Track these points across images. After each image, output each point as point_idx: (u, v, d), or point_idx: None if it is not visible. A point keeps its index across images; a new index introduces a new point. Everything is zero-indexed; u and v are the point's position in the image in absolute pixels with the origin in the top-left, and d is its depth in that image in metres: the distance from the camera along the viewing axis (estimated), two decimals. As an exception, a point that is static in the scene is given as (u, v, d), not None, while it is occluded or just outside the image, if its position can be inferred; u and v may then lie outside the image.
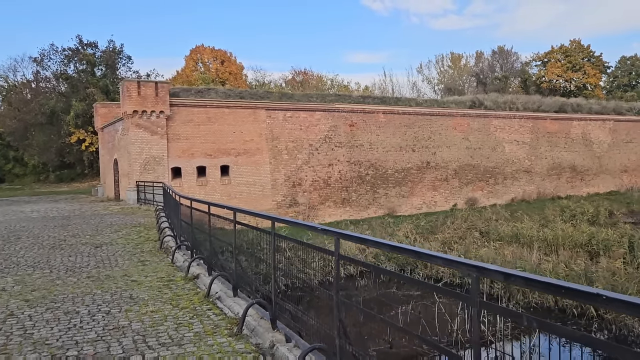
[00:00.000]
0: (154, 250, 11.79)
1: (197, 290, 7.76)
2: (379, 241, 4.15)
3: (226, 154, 29.32)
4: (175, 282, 8.45)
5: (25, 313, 6.63)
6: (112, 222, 17.62)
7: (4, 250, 12.09)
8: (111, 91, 49.92)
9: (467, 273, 2.98)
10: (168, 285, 8.14)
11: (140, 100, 26.65)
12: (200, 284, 8.32)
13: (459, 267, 3.17)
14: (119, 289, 7.93)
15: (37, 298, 7.41)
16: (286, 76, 76.03)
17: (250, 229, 6.86)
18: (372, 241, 4.12)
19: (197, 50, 66.66)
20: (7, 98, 62.27)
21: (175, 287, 8.03)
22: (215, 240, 8.90)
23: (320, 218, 31.83)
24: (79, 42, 53.52)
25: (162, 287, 8.08)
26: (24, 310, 6.74)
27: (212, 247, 8.92)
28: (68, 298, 7.37)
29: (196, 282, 8.49)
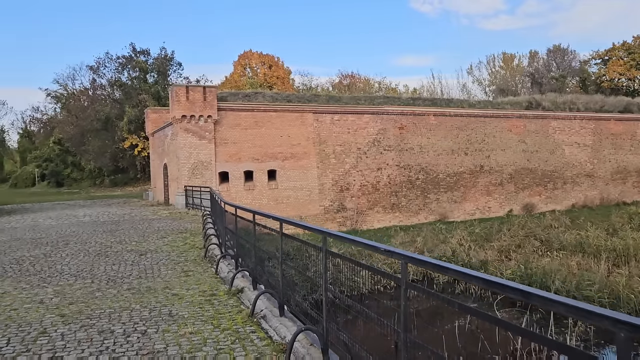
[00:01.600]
0: (199, 259, 11.33)
1: (240, 308, 7.15)
2: (464, 272, 3.22)
3: (273, 158, 28.95)
4: (218, 296, 7.88)
5: (59, 331, 6.20)
6: (159, 228, 17.44)
7: (50, 257, 11.96)
8: (162, 97, 50.90)
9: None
10: (210, 301, 7.57)
11: (189, 105, 26.68)
12: (244, 299, 7.71)
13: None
14: (158, 304, 7.42)
15: (74, 313, 7.00)
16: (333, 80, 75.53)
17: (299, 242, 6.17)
18: (454, 270, 3.25)
19: (245, 55, 67.23)
20: (66, 105, 64.83)
21: (218, 303, 7.45)
22: (260, 251, 8.30)
23: (368, 224, 30.95)
24: (132, 50, 55.02)
25: (204, 302, 7.52)
26: (58, 328, 6.32)
27: (257, 259, 8.32)
28: (105, 314, 6.92)
29: (240, 296, 7.89)
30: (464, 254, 24.17)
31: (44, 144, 72.46)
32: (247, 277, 8.93)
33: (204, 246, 12.95)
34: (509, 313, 17.09)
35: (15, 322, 6.65)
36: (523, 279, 19.61)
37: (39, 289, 8.65)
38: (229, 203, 10.79)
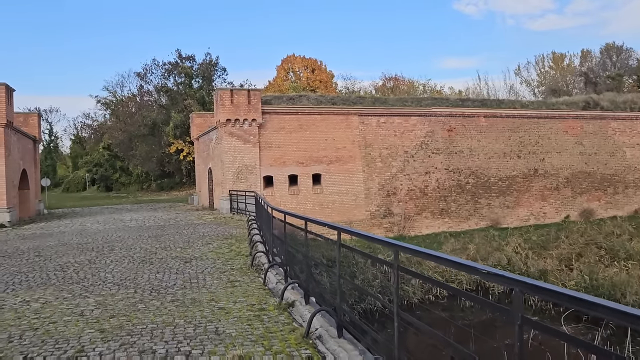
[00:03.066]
0: (245, 268, 10.74)
1: (292, 326, 6.45)
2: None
3: (318, 161, 28.34)
4: (268, 311, 7.22)
5: (97, 349, 5.67)
6: (204, 233, 17.06)
7: (94, 264, 11.67)
8: (207, 102, 51.29)
9: None
10: (259, 317, 6.91)
11: (233, 108, 26.43)
12: (296, 315, 7.02)
13: None
14: (204, 319, 6.82)
15: (114, 328, 6.49)
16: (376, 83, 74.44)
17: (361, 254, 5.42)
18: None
19: (288, 59, 67.14)
20: (115, 112, 66.48)
21: (268, 319, 6.78)
22: (312, 261, 7.61)
23: (416, 230, 29.84)
24: (178, 56, 55.78)
25: (253, 318, 6.87)
26: (96, 346, 5.80)
27: (309, 270, 7.62)
28: (147, 330, 6.37)
29: (291, 311, 7.20)
30: (520, 263, 22.80)
31: (94, 150, 74.57)
32: (297, 290, 8.25)
33: (250, 253, 12.38)
34: (575, 329, 15.78)
35: (53, 337, 6.19)
36: (588, 291, 18.19)
37: (80, 299, 8.24)
38: (277, 209, 10.17)
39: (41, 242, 16.02)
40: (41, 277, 10.35)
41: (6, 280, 10.24)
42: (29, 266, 11.72)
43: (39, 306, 7.88)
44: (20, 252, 14.02)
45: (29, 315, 7.33)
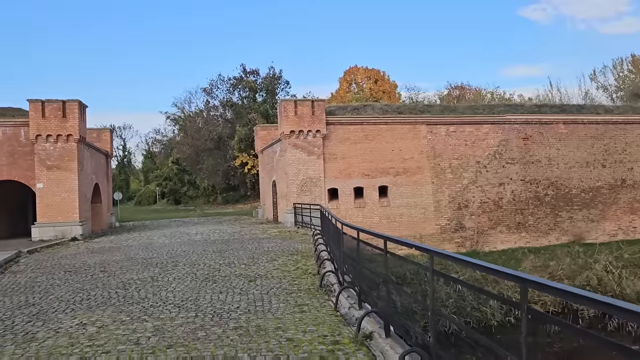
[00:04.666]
0: (313, 289, 9.85)
1: (374, 367, 5.44)
2: None
3: (384, 173, 27.21)
4: (343, 345, 6.25)
5: (150, 390, 4.92)
6: (268, 248, 16.39)
7: (157, 281, 11.18)
8: (271, 115, 51.49)
9: None
10: (333, 352, 5.96)
11: (297, 119, 25.89)
12: (376, 351, 6.01)
13: None
14: (269, 353, 5.96)
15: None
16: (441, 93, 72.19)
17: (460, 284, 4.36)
18: None
19: (351, 71, 66.57)
20: (183, 127, 68.44)
21: (344, 356, 5.80)
22: (394, 286, 6.58)
23: (490, 245, 27.92)
24: (242, 70, 56.56)
25: (326, 354, 5.92)
26: (149, 386, 5.06)
27: (389, 296, 6.59)
28: (206, 366, 5.59)
29: (370, 345, 6.20)
30: (613, 283, 20.54)
31: (164, 164, 77.05)
32: (374, 317, 7.22)
33: (317, 272, 11.50)
34: None
35: (104, 371, 5.53)
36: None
37: (138, 324, 7.62)
38: (348, 225, 9.21)
39: (108, 256, 15.93)
40: (102, 296, 9.93)
41: (67, 298, 9.90)
42: (93, 283, 11.41)
43: (94, 331, 7.33)
44: (86, 266, 13.89)
45: (82, 342, 6.76)
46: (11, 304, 9.66)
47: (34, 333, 7.46)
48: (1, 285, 11.71)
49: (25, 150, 23.00)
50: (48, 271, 13.41)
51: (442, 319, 15.92)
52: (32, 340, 7.09)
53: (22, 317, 8.53)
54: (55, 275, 12.74)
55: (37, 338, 7.18)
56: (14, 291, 10.99)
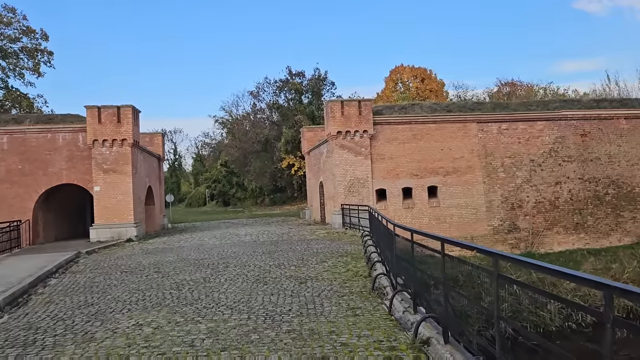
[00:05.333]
0: (365, 292, 9.65)
1: (434, 374, 5.20)
2: None
3: (434, 173, 26.64)
4: (400, 351, 6.03)
5: (206, 394, 4.88)
6: (317, 250, 16.30)
7: (209, 282, 11.28)
8: (317, 117, 51.56)
9: None
10: (391, 359, 5.74)
11: (344, 120, 25.74)
12: (435, 358, 5.75)
13: None
14: (324, 359, 5.81)
15: (225, 365, 5.70)
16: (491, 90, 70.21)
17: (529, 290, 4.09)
18: None
19: (397, 70, 65.83)
20: (231, 130, 69.66)
21: (401, 363, 5.59)
22: (452, 290, 6.31)
23: (546, 246, 26.83)
24: (288, 72, 56.96)
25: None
26: (205, 389, 5.01)
27: (448, 300, 6.31)
28: (261, 370, 5.50)
29: (428, 352, 5.95)
30: (684, 288, 19.20)
31: (213, 167, 78.66)
32: (431, 321, 6.96)
33: (368, 274, 11.29)
34: None
35: (160, 373, 5.54)
36: None
37: (192, 325, 7.67)
38: (401, 226, 8.97)
39: (162, 257, 16.28)
40: (157, 296, 10.10)
41: (124, 298, 10.13)
42: (147, 283, 11.65)
43: (150, 332, 7.42)
44: (141, 267, 14.22)
45: (139, 343, 6.85)
46: (71, 304, 9.97)
47: (93, 333, 7.63)
48: (62, 285, 12.14)
49: (83, 154, 23.90)
50: (105, 271, 13.82)
51: (502, 323, 15.41)
52: (91, 340, 7.25)
53: (82, 317, 8.77)
54: (112, 275, 13.09)
55: (95, 338, 7.33)
56: (74, 291, 11.36)
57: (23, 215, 22.82)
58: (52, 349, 6.93)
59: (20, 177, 23.54)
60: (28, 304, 10.28)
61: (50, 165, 23.78)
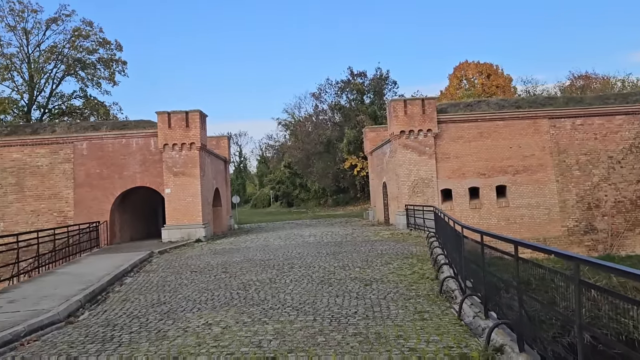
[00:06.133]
0: (432, 295, 9.40)
1: (509, 385, 4.94)
2: None
3: (502, 172, 25.67)
4: (472, 359, 5.79)
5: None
6: (382, 251, 16.11)
7: (274, 283, 11.41)
8: (379, 116, 51.22)
9: None
10: (461, 366, 5.53)
11: (407, 119, 25.34)
12: (508, 366, 5.48)
13: None
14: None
15: (292, 367, 5.71)
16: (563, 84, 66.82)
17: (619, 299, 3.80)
18: None
19: (461, 67, 64.19)
20: (294, 132, 70.60)
21: (473, 371, 5.37)
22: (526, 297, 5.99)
23: (628, 248, 25.15)
24: (350, 73, 56.95)
25: (454, 367, 5.52)
26: (273, 391, 5.03)
27: (523, 307, 6.01)
28: (328, 374, 5.46)
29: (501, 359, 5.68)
30: None
31: (276, 168, 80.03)
32: (503, 327, 6.65)
33: (435, 277, 11.00)
34: None
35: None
36: None
37: (259, 326, 7.76)
38: (469, 227, 8.66)
39: (229, 257, 16.68)
40: (225, 296, 10.33)
41: (194, 297, 10.44)
42: (216, 283, 11.95)
43: (219, 331, 7.59)
44: (210, 267, 14.62)
45: (208, 342, 7.02)
46: (145, 302, 10.40)
47: (165, 331, 7.90)
48: (137, 284, 12.70)
49: (155, 158, 24.98)
50: (176, 271, 14.33)
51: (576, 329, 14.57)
52: (163, 338, 7.51)
53: (155, 315, 9.11)
54: (183, 275, 13.55)
55: (168, 336, 7.59)
56: (148, 289, 11.85)
57: (101, 217, 24.17)
58: (128, 345, 7.24)
59: (99, 180, 24.94)
60: (106, 302, 10.84)
61: (125, 169, 25.03)
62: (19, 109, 44.91)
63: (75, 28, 45.12)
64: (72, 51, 45.48)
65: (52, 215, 24.69)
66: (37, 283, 13.14)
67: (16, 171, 24.99)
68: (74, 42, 45.28)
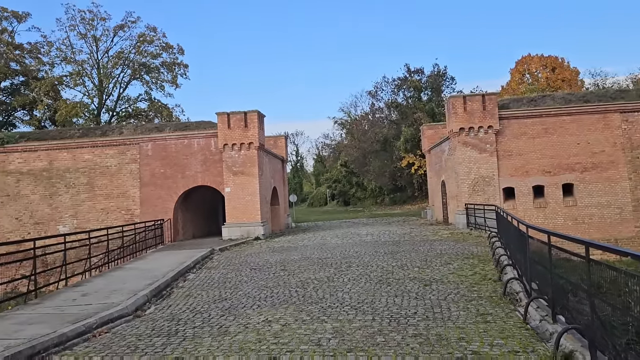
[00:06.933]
0: (495, 297, 9.10)
1: (581, 394, 4.69)
2: None
3: (569, 170, 24.52)
4: (538, 363, 5.55)
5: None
6: (441, 251, 15.78)
7: (332, 282, 11.43)
8: (436, 113, 50.26)
9: None
10: (528, 371, 5.31)
11: (467, 116, 24.68)
12: (579, 374, 5.20)
13: None
14: (455, 368, 5.54)
15: (351, 367, 5.68)
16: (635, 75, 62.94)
17: None
18: None
19: (524, 60, 61.92)
20: (350, 130, 70.53)
21: (541, 377, 5.14)
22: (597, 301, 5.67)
23: None
24: (407, 70, 56.18)
25: (520, 373, 5.31)
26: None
27: (595, 312, 5.69)
28: (388, 375, 5.39)
29: (571, 367, 5.40)
30: None
31: (333, 167, 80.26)
32: (574, 333, 6.33)
33: (498, 278, 10.65)
34: None
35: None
36: None
37: (317, 324, 7.80)
38: (535, 227, 8.31)
39: (287, 255, 16.88)
40: (284, 294, 10.46)
41: (254, 294, 10.63)
42: (275, 280, 12.12)
43: (278, 329, 7.69)
44: (269, 265, 14.85)
45: (269, 339, 7.12)
46: (207, 298, 10.70)
47: (227, 327, 8.10)
48: (199, 280, 13.10)
49: (215, 158, 25.66)
50: (236, 268, 14.65)
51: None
52: (225, 334, 7.70)
53: (217, 311, 9.36)
54: (243, 272, 13.84)
55: (229, 332, 7.77)
56: (210, 286, 12.19)
57: (165, 215, 25.11)
58: (192, 340, 7.47)
59: (163, 180, 25.92)
60: (170, 297, 11.24)
61: (187, 168, 25.87)
62: (89, 113, 47.50)
63: (140, 34, 47.23)
64: (138, 56, 47.60)
65: (120, 213, 25.89)
66: (107, 277, 13.83)
67: (87, 171, 26.41)
68: (139, 48, 47.38)
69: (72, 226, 25.72)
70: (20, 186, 26.59)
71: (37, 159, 26.74)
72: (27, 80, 46.75)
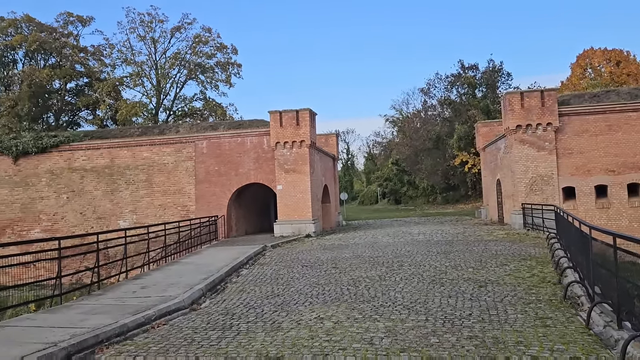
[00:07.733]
0: (555, 301, 8.76)
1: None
2: None
3: (635, 169, 23.26)
4: (603, 372, 5.30)
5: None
6: (496, 252, 15.35)
7: (384, 281, 11.35)
8: (491, 111, 48.85)
9: None
10: (592, 380, 5.08)
11: (524, 113, 23.86)
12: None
13: None
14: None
15: (405, 367, 5.62)
16: None
17: None
18: None
19: (585, 54, 59.22)
20: (402, 128, 69.80)
21: (606, 386, 4.90)
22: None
23: None
24: (460, 66, 54.93)
25: (584, 382, 5.08)
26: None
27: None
28: (442, 377, 5.30)
29: (639, 376, 5.12)
30: None
31: (384, 165, 79.67)
32: None
33: (558, 281, 10.24)
34: None
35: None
36: None
37: (370, 322, 7.77)
38: (599, 229, 7.93)
39: (338, 253, 16.90)
40: (335, 291, 10.48)
41: (306, 291, 10.72)
42: (326, 278, 12.17)
43: (330, 326, 7.71)
44: (320, 262, 14.93)
45: (321, 336, 7.16)
46: (260, 294, 10.88)
47: (279, 323, 8.21)
48: (252, 276, 13.34)
49: (267, 156, 26.04)
50: (288, 265, 14.82)
51: None
52: (278, 329, 7.80)
53: (269, 307, 9.50)
54: (294, 269, 13.98)
55: (282, 328, 7.87)
56: (262, 282, 12.39)
57: (219, 212, 25.72)
58: (246, 334, 7.62)
59: (217, 177, 26.56)
60: (225, 291, 11.51)
61: (240, 166, 26.39)
62: (148, 112, 49.35)
63: (196, 35, 48.59)
64: (193, 56, 49.00)
65: (177, 209, 26.75)
66: (164, 271, 14.33)
67: (146, 168, 27.43)
68: (194, 48, 48.76)
69: (131, 221, 26.80)
70: (84, 182, 27.98)
71: (99, 156, 28.05)
72: (90, 82, 49.19)
